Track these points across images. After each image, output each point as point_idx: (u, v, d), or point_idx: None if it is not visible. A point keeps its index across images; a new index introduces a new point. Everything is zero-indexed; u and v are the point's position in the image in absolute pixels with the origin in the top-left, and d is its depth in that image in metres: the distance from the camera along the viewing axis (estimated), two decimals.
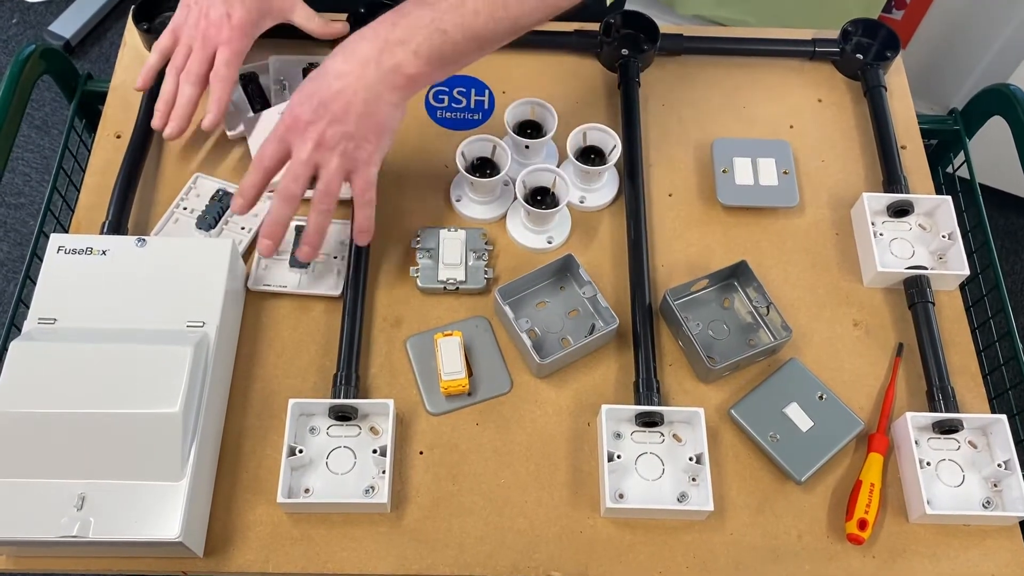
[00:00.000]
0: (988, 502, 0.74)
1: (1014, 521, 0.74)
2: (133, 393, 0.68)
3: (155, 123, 0.84)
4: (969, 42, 1.73)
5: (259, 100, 0.92)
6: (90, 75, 0.98)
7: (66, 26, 2.08)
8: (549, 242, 0.87)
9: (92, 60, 2.09)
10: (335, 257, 0.84)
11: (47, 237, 0.78)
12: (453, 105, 0.95)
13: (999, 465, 0.74)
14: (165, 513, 0.66)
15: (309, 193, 0.75)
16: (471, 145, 0.85)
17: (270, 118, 0.88)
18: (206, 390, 0.71)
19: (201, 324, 0.73)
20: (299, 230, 0.85)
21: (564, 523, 0.74)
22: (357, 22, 0.96)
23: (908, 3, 1.71)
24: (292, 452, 0.72)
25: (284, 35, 0.98)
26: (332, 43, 0.97)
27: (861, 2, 1.60)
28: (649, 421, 0.75)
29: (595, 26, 0.98)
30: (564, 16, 0.99)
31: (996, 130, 0.96)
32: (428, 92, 0.96)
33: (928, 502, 0.73)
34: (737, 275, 0.84)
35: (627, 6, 1.00)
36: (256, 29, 0.85)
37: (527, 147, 0.87)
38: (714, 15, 1.81)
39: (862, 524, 0.73)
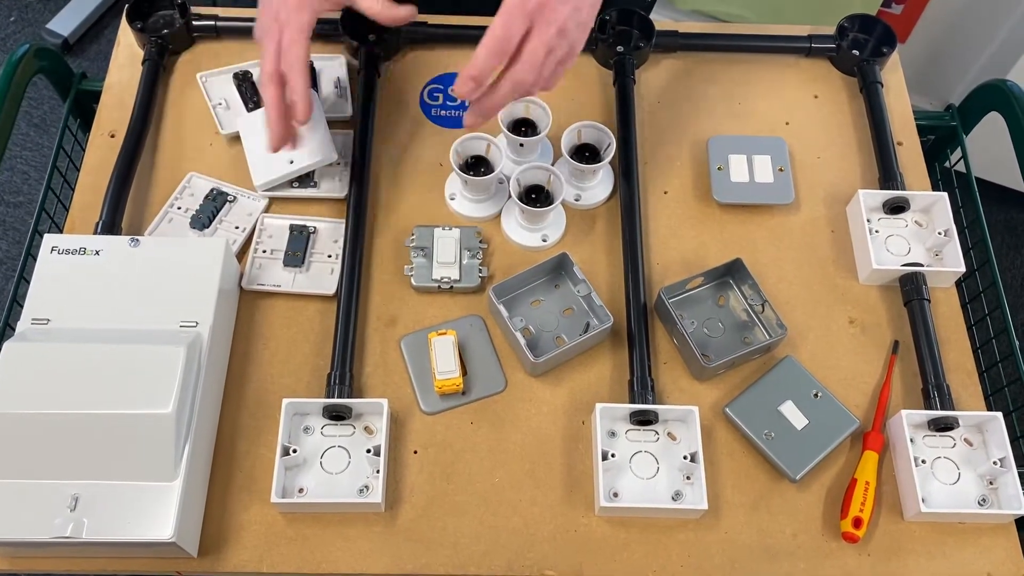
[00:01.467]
0: (984, 500, 0.74)
1: (1010, 519, 0.74)
2: (126, 393, 0.68)
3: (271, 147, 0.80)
4: (969, 37, 1.73)
5: (253, 99, 0.92)
6: (84, 74, 0.98)
7: (64, 24, 2.08)
8: (544, 240, 0.86)
9: (90, 58, 2.10)
10: (329, 256, 0.84)
11: (42, 237, 0.78)
12: (448, 103, 0.95)
13: (995, 463, 0.74)
14: (159, 513, 0.66)
15: None
16: (465, 143, 0.85)
17: (264, 118, 0.88)
18: (199, 390, 0.71)
19: (194, 324, 0.73)
20: (293, 229, 0.85)
21: (559, 522, 0.74)
22: (351, 19, 0.96)
23: None
24: (286, 452, 0.72)
25: None
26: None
27: None
28: (643, 419, 0.75)
29: None
30: None
31: (997, 124, 0.95)
32: (423, 90, 0.96)
33: (923, 500, 0.72)
34: (732, 273, 0.84)
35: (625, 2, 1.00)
36: (319, 3, 0.79)
37: (521, 145, 0.87)
38: (713, 10, 1.80)
39: (857, 522, 0.72)
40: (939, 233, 0.85)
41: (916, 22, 1.75)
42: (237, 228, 0.86)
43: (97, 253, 0.76)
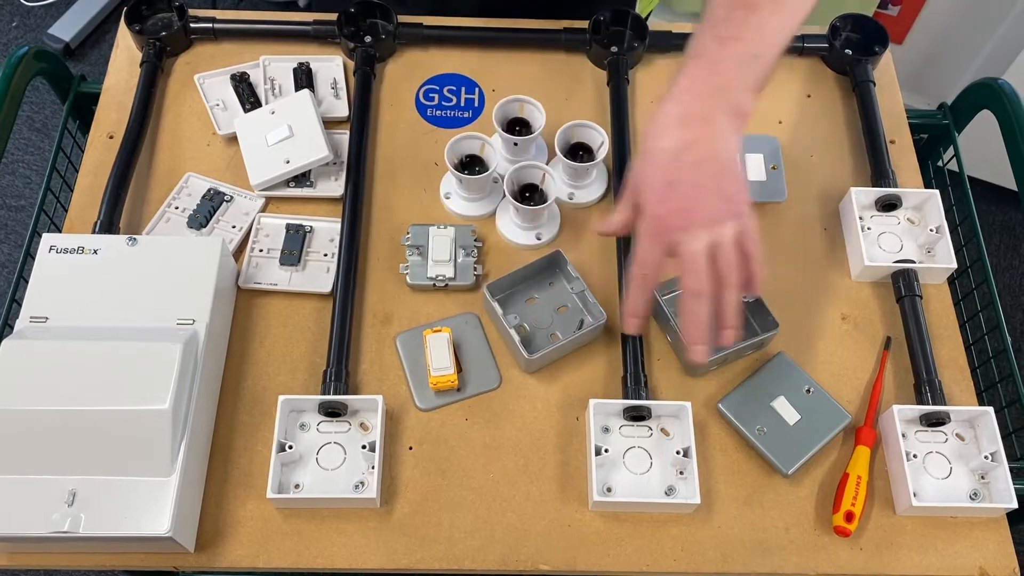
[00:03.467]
0: (975, 494, 0.74)
1: (1001, 513, 0.74)
2: (123, 390, 0.68)
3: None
4: (965, 37, 1.73)
5: (250, 100, 0.93)
6: (83, 76, 0.99)
7: (66, 29, 2.10)
8: (538, 238, 0.87)
9: (92, 63, 2.11)
10: (325, 255, 0.85)
11: (41, 237, 0.78)
12: (443, 103, 0.96)
13: (986, 457, 0.74)
14: (155, 508, 0.67)
15: None
16: (459, 143, 0.86)
17: (261, 118, 0.89)
18: (196, 387, 0.71)
19: (191, 321, 0.74)
20: (289, 228, 0.85)
21: (553, 517, 0.74)
22: (348, 20, 0.97)
23: None
24: (282, 448, 0.73)
25: (276, 35, 0.99)
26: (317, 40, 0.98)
27: None
28: (637, 415, 0.76)
29: (584, 24, 0.98)
30: (554, 14, 1.01)
31: (994, 124, 0.96)
32: (418, 90, 0.97)
33: (915, 494, 0.73)
34: None
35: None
36: None
37: (516, 144, 0.88)
38: None
39: (849, 516, 0.73)
40: (931, 230, 0.86)
41: (912, 23, 1.75)
42: (234, 227, 0.86)
43: (95, 252, 0.77)
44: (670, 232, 0.65)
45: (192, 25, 0.98)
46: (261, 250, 0.85)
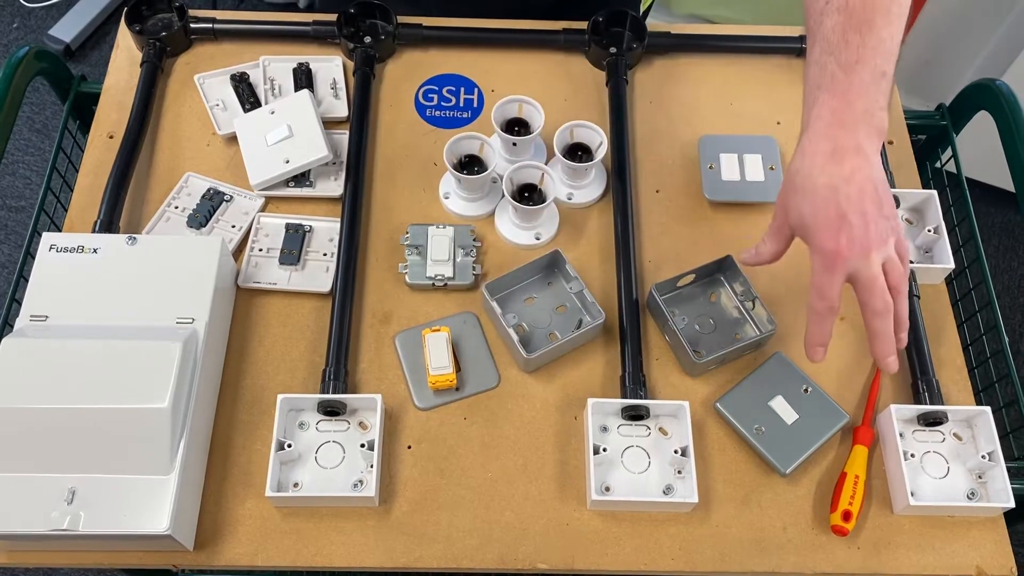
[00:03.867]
0: (973, 493, 0.75)
1: (998, 512, 0.75)
2: (123, 388, 0.69)
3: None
4: (965, 38, 1.74)
5: (250, 100, 0.93)
6: (84, 76, 0.99)
7: (66, 30, 2.10)
8: (537, 238, 0.87)
9: (92, 64, 2.11)
10: (324, 255, 0.85)
11: (41, 236, 0.79)
12: (442, 103, 0.96)
13: (983, 457, 0.75)
14: (154, 506, 0.67)
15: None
16: (458, 143, 0.86)
17: (261, 118, 0.89)
18: (195, 385, 0.72)
19: (190, 320, 0.74)
20: (289, 227, 0.86)
21: (551, 516, 0.74)
22: (347, 21, 0.97)
23: None
24: (281, 446, 0.73)
25: (276, 35, 0.99)
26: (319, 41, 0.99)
27: None
28: (635, 415, 0.76)
29: (583, 24, 0.98)
30: (554, 15, 1.01)
31: (993, 125, 0.96)
32: (417, 90, 0.97)
33: (912, 494, 0.73)
34: (723, 270, 0.84)
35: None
36: None
37: (515, 144, 0.88)
38: (710, 14, 1.81)
39: (846, 516, 0.73)
40: (929, 231, 0.86)
41: (911, 26, 1.76)
42: (234, 227, 0.87)
43: (95, 251, 0.77)
44: (847, 263, 0.68)
45: (192, 25, 0.98)
46: (261, 249, 0.85)
